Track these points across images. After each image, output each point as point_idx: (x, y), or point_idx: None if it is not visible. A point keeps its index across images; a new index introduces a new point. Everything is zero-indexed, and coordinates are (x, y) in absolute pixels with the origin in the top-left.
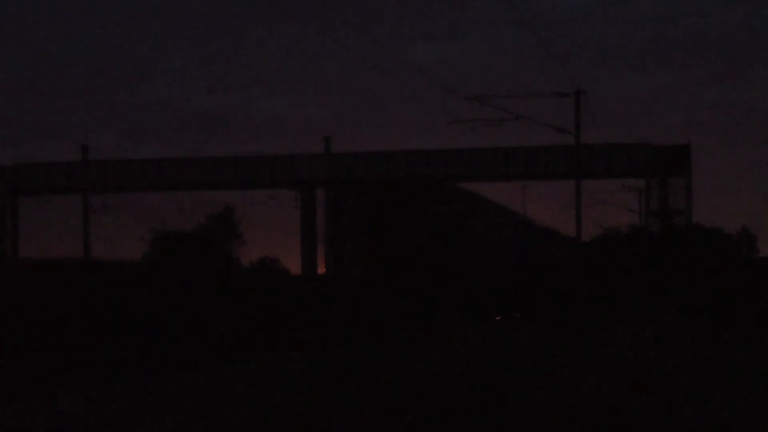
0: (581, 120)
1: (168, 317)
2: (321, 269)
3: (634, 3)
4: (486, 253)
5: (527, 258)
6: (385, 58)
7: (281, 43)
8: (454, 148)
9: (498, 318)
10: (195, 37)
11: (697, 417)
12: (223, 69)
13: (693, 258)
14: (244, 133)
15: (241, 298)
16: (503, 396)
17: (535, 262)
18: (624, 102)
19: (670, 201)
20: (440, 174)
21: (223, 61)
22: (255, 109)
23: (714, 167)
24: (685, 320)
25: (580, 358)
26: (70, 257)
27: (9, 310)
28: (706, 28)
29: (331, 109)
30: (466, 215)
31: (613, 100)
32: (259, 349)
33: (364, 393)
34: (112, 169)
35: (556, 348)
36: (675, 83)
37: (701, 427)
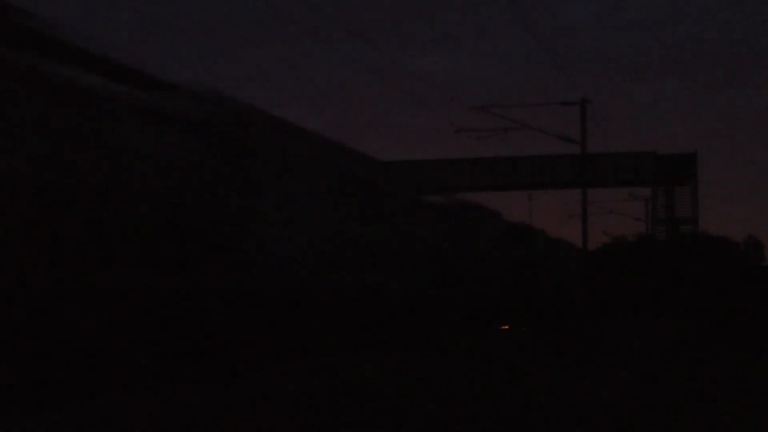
0: (587, 129)
1: None
2: None
3: (637, 11)
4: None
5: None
6: (390, 68)
7: (286, 52)
8: (460, 157)
9: (505, 327)
10: (200, 46)
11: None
12: (227, 77)
13: (699, 266)
14: None
15: None
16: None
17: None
18: (630, 111)
19: (676, 209)
20: (447, 183)
21: (227, 70)
22: None
23: (721, 175)
24: (690, 329)
25: (588, 366)
26: None
27: None
28: (710, 35)
29: (336, 118)
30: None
31: (619, 109)
32: None
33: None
34: None
35: (565, 356)
36: (681, 91)
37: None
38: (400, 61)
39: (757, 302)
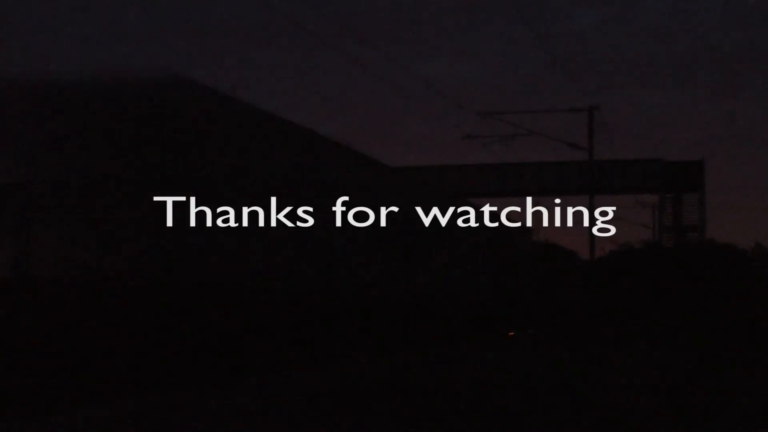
0: (594, 136)
1: None
2: None
3: (645, 18)
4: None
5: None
6: (397, 74)
7: (293, 59)
8: (467, 163)
9: (511, 334)
10: (206, 53)
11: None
12: (235, 85)
13: (706, 274)
14: None
15: None
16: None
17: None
18: (638, 118)
19: (683, 217)
20: (453, 189)
21: (234, 77)
22: None
23: (728, 183)
24: (697, 339)
25: (595, 374)
26: None
27: None
28: (719, 42)
29: (342, 124)
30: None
31: (627, 116)
32: None
33: None
34: None
35: (573, 363)
36: (689, 98)
37: None
38: (406, 67)
39: (764, 310)
